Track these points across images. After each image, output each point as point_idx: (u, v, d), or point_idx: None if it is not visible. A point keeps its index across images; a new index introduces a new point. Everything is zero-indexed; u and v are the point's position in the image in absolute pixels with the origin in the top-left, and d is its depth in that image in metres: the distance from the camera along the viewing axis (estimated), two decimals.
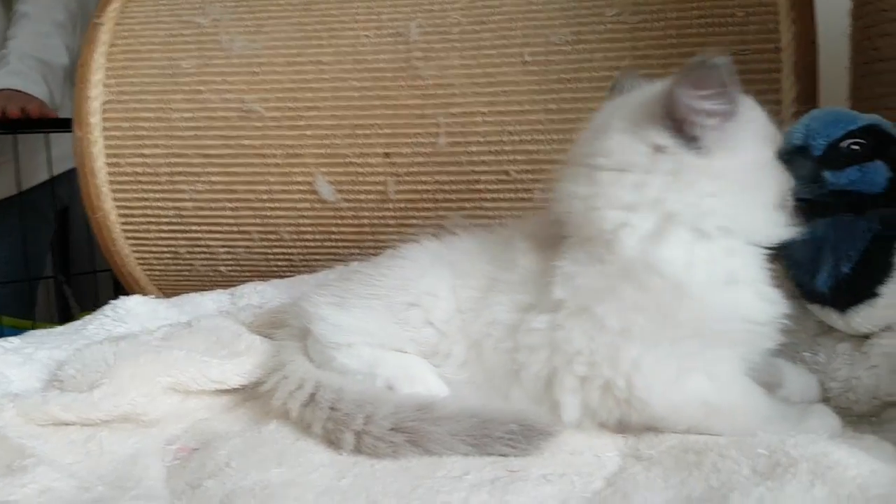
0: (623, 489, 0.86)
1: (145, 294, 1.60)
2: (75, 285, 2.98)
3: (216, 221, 1.92)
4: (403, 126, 1.77)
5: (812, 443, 0.83)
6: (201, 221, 1.93)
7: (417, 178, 1.78)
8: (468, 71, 1.74)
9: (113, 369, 1.13)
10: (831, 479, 0.76)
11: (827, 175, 1.11)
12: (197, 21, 1.93)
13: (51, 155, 2.66)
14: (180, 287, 1.96)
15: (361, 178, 1.80)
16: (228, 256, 1.95)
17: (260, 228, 1.90)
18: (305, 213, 1.86)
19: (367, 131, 1.78)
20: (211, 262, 1.97)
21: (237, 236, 1.92)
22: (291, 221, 1.87)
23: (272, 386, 1.10)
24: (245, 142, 1.85)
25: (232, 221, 1.91)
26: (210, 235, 1.94)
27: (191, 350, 1.19)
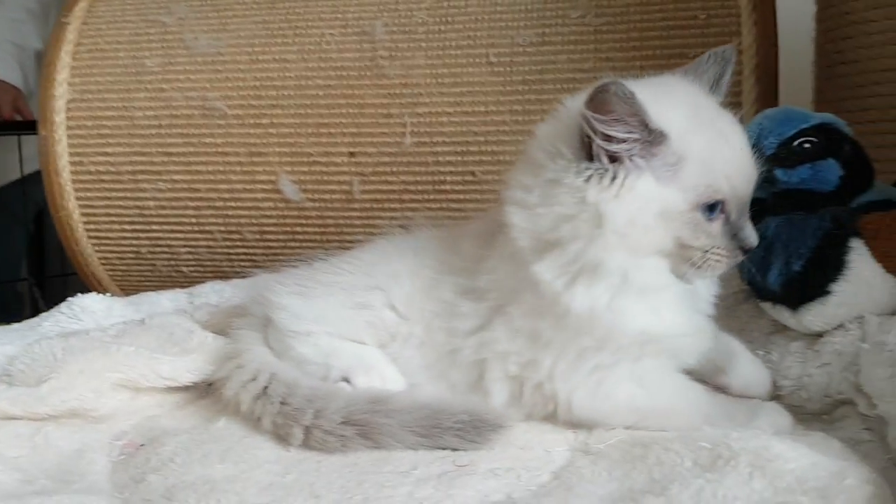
0: (568, 482, 0.86)
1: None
2: (49, 288, 2.94)
3: (178, 221, 1.91)
4: (369, 125, 1.77)
5: (754, 437, 0.83)
6: (163, 221, 1.91)
7: (383, 178, 1.78)
8: (434, 71, 1.74)
9: (61, 364, 1.12)
10: (770, 472, 0.76)
11: (779, 173, 1.11)
12: (162, 20, 1.93)
13: (22, 154, 2.64)
14: (143, 288, 1.93)
15: (326, 178, 1.80)
16: (190, 257, 1.93)
17: (222, 228, 1.89)
18: (269, 213, 1.85)
19: (332, 130, 1.78)
20: (173, 263, 1.96)
21: (199, 236, 1.91)
22: (254, 221, 1.86)
23: (226, 374, 1.09)
24: (207, 140, 1.84)
25: (194, 221, 1.90)
26: (172, 235, 1.92)
27: (142, 347, 1.18)
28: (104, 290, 1.89)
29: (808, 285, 1.09)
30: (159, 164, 1.88)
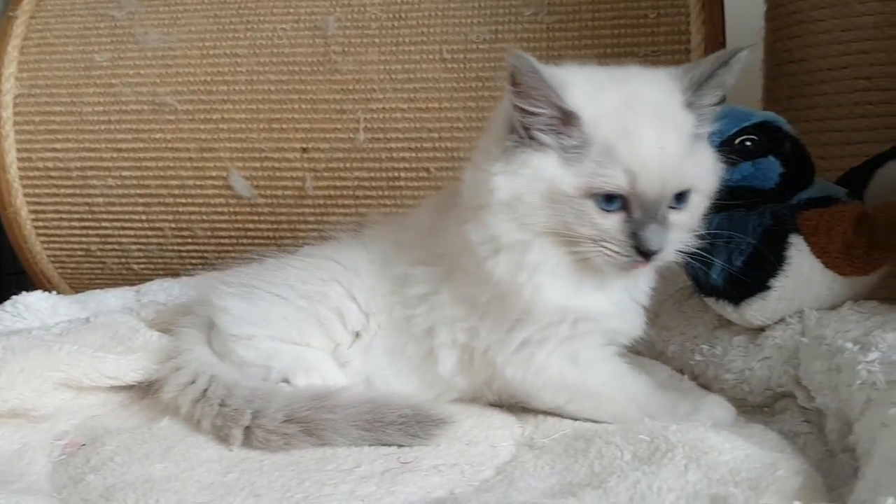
0: (510, 476, 0.87)
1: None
2: (5, 287, 2.88)
3: (128, 218, 1.88)
4: (321, 121, 1.76)
5: (692, 429, 0.85)
6: (113, 218, 1.89)
7: (336, 174, 1.77)
8: (387, 67, 1.74)
9: (2, 364, 1.09)
10: (705, 464, 0.78)
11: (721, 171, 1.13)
12: (112, 14, 1.90)
13: None
14: (94, 286, 1.90)
15: (278, 174, 1.79)
16: (141, 254, 1.91)
17: (173, 225, 1.86)
18: (220, 210, 1.83)
19: (284, 126, 1.77)
20: (123, 260, 1.93)
21: (150, 233, 1.88)
22: (205, 218, 1.84)
23: (164, 375, 1.08)
24: (158, 136, 1.82)
25: (144, 218, 1.87)
26: (122, 232, 1.90)
27: (85, 346, 1.16)
28: (54, 289, 1.86)
29: (750, 280, 1.10)
30: (108, 161, 1.85)
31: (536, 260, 0.95)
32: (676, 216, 0.94)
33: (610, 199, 0.91)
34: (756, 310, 1.12)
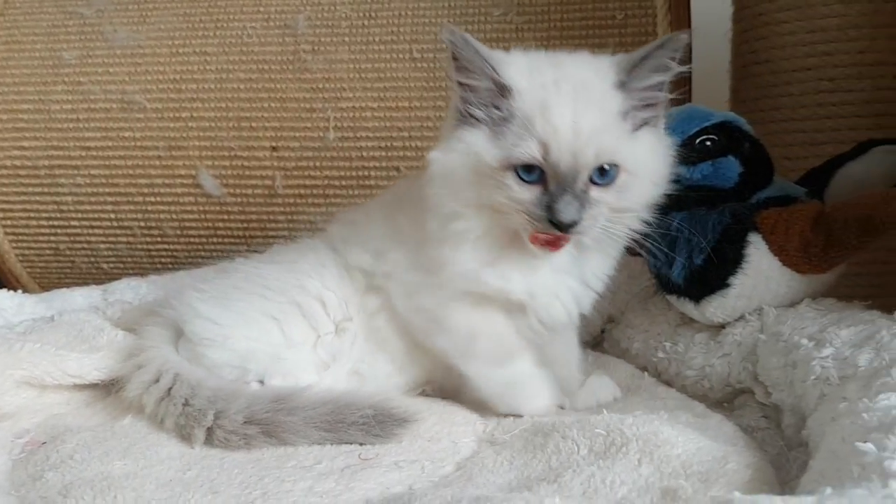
0: (470, 472, 0.88)
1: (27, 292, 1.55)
2: None
3: (97, 216, 1.87)
4: (291, 119, 1.76)
5: (647, 423, 0.86)
6: (82, 216, 1.87)
7: (306, 173, 1.77)
8: (357, 66, 1.74)
9: None
10: (658, 458, 0.79)
11: (681, 170, 1.14)
12: (81, 12, 1.88)
13: None
14: (63, 284, 1.87)
15: (248, 172, 1.78)
16: (110, 253, 1.90)
17: (142, 224, 1.86)
18: (189, 208, 1.82)
19: (254, 124, 1.77)
20: (92, 259, 1.91)
21: (118, 231, 1.87)
22: (175, 216, 1.83)
23: (127, 373, 1.07)
24: (126, 134, 1.81)
25: (113, 217, 1.86)
26: (91, 231, 1.88)
27: (48, 344, 1.16)
28: (22, 287, 1.85)
29: (710, 278, 1.12)
30: (77, 159, 1.84)
31: (462, 228, 1.00)
32: (601, 193, 0.95)
33: (529, 171, 0.93)
34: (716, 307, 1.14)
